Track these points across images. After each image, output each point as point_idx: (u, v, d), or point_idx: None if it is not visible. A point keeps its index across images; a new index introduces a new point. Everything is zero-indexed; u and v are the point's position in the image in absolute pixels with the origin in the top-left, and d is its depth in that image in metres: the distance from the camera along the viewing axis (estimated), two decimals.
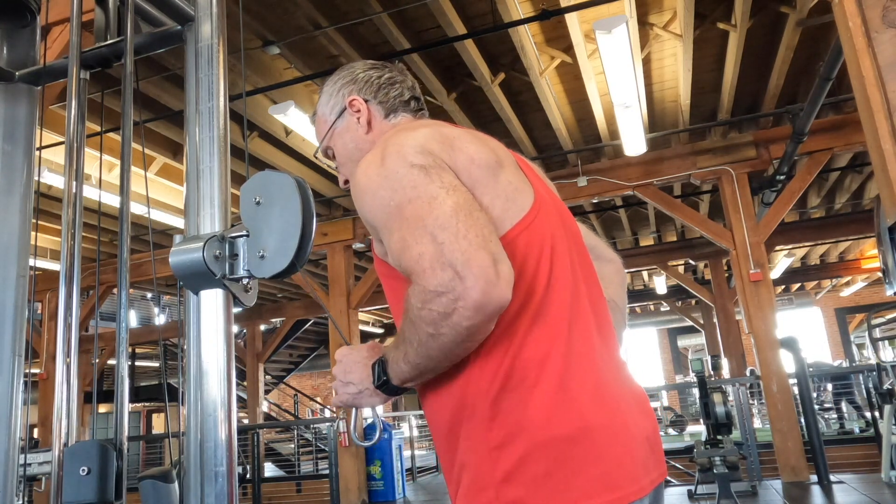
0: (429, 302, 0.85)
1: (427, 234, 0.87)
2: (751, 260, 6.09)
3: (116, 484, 1.03)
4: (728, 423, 5.07)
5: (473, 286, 0.82)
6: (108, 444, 1.04)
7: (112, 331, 11.40)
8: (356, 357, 1.03)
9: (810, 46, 5.27)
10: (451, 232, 0.85)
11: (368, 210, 0.98)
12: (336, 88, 1.23)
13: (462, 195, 0.91)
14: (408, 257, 0.88)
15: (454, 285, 0.83)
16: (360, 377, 1.01)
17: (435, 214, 0.88)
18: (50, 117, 5.05)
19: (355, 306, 7.58)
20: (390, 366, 0.97)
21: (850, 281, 15.10)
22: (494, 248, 0.86)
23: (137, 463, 12.13)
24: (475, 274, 0.83)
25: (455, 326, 0.85)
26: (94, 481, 1.01)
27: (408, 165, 0.94)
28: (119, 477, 1.04)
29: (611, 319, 1.10)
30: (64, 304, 1.08)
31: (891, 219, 2.02)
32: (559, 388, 0.91)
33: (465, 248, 0.84)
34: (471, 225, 0.86)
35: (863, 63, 1.98)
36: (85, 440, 1.06)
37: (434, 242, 0.85)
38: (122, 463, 1.04)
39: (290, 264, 0.93)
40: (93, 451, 1.03)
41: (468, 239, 0.85)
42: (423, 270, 0.85)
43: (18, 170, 1.30)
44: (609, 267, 1.25)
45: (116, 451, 1.05)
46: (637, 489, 0.91)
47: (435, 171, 0.94)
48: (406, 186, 0.92)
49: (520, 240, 0.97)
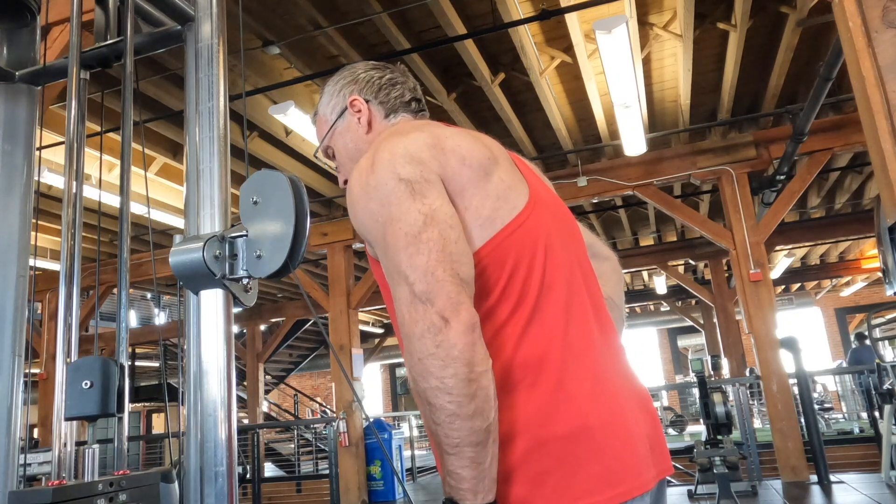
0: (417, 352, 0.86)
1: (402, 276, 0.90)
2: (751, 260, 6.09)
3: (118, 398, 1.06)
4: (728, 423, 5.07)
5: (442, 312, 0.86)
6: (110, 360, 1.07)
7: (112, 331, 11.40)
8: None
9: (810, 46, 5.27)
10: (420, 270, 0.88)
11: (360, 220, 1.00)
12: (337, 89, 1.23)
13: (439, 223, 0.92)
14: (395, 300, 0.92)
15: (428, 319, 0.86)
16: None
17: (410, 250, 0.90)
18: (50, 117, 5.05)
19: (355, 306, 7.58)
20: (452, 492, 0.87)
21: (850, 281, 15.09)
22: (462, 276, 0.90)
23: (137, 463, 12.12)
24: (442, 302, 0.86)
25: (447, 361, 0.84)
26: (96, 394, 1.04)
27: (396, 179, 0.95)
28: (121, 392, 1.06)
29: (611, 316, 1.10)
30: (64, 304, 1.08)
31: (891, 219, 2.02)
32: (558, 386, 0.92)
33: (432, 283, 0.87)
34: (440, 259, 0.89)
35: (863, 63, 1.98)
36: (88, 356, 1.08)
37: (407, 283, 0.89)
38: (123, 379, 1.08)
39: (284, 263, 0.93)
40: (95, 365, 1.05)
41: (436, 275, 0.88)
42: (404, 318, 0.89)
43: (18, 170, 1.30)
44: (606, 265, 1.25)
45: (118, 367, 1.07)
46: (639, 484, 0.91)
47: (420, 187, 0.94)
48: (392, 203, 0.94)
49: (511, 239, 0.97)
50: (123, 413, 1.06)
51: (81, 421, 1.08)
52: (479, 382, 0.85)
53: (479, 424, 0.85)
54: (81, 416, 1.04)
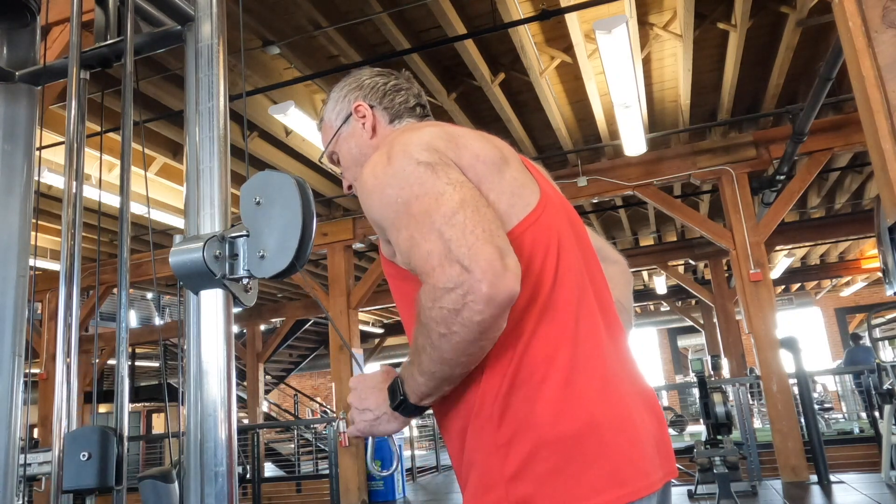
0: (439, 299, 0.85)
1: (434, 231, 0.87)
2: (751, 260, 6.09)
3: (117, 469, 1.04)
4: (728, 423, 5.07)
5: (482, 279, 0.83)
6: (108, 430, 1.05)
7: (112, 331, 11.41)
8: (371, 383, 1.02)
9: (810, 46, 5.27)
10: (458, 228, 0.86)
11: (376, 209, 0.98)
12: (342, 95, 1.24)
13: (469, 191, 0.92)
14: (417, 255, 0.89)
15: (462, 280, 0.83)
16: (377, 402, 1.00)
17: (442, 211, 0.88)
18: (50, 117, 5.05)
19: (355, 306, 7.58)
20: (406, 383, 0.96)
21: (850, 281, 15.09)
22: (501, 242, 0.87)
23: (137, 463, 12.11)
24: (482, 267, 0.83)
25: (466, 322, 0.84)
26: (94, 466, 1.02)
27: (414, 163, 0.95)
28: (119, 462, 1.04)
29: (619, 317, 1.10)
30: (64, 304, 1.08)
31: (891, 219, 2.02)
32: (566, 385, 0.92)
33: (472, 242, 0.85)
34: (478, 221, 0.87)
35: (863, 63, 1.98)
36: (86, 426, 1.06)
37: (441, 239, 0.86)
38: (122, 449, 1.05)
39: (290, 264, 0.93)
40: (94, 436, 1.03)
41: (475, 234, 0.86)
42: (433, 268, 0.86)
43: (18, 170, 1.30)
44: (615, 268, 1.25)
45: (117, 437, 1.05)
46: (646, 485, 0.91)
47: (441, 167, 0.94)
48: (413, 183, 0.93)
49: (526, 235, 0.97)
50: (122, 486, 1.04)
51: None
52: (483, 346, 0.89)
53: (460, 371, 0.91)
54: (79, 490, 1.02)
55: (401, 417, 0.99)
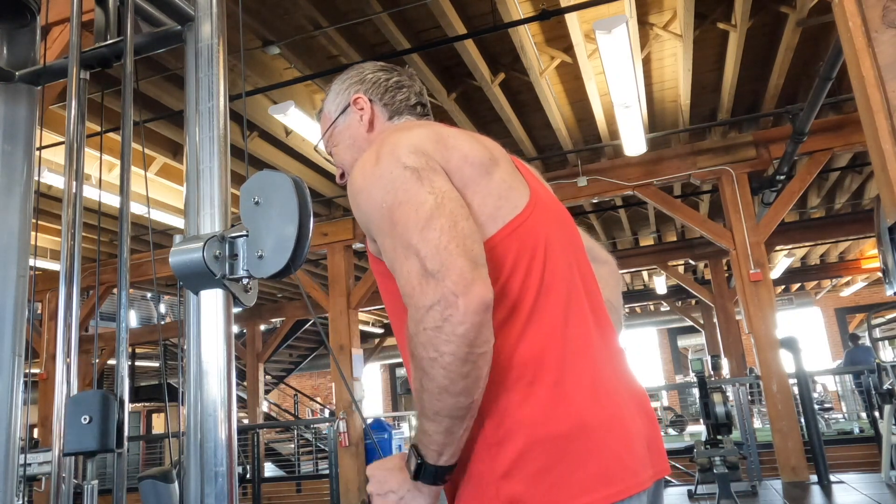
0: (422, 321, 0.86)
1: (412, 249, 0.89)
2: (751, 260, 6.09)
3: (117, 433, 1.05)
4: (728, 423, 5.07)
5: (455, 290, 0.84)
6: (109, 394, 1.06)
7: (112, 331, 11.40)
8: (388, 465, 1.00)
9: (810, 46, 5.26)
10: (432, 245, 0.87)
11: (363, 209, 0.99)
12: (343, 87, 1.25)
13: (449, 202, 0.92)
14: (399, 277, 0.91)
15: (439, 295, 0.84)
16: (398, 482, 0.96)
17: (420, 225, 0.89)
18: (50, 117, 5.05)
19: (355, 306, 7.58)
20: (419, 444, 0.92)
21: (850, 281, 15.09)
22: (474, 254, 0.88)
23: (137, 463, 12.11)
24: (454, 279, 0.84)
25: (451, 338, 0.84)
26: (95, 429, 1.03)
27: (401, 167, 0.95)
28: (120, 426, 1.05)
29: (609, 318, 1.11)
30: (64, 304, 1.08)
31: (891, 219, 2.02)
32: (556, 385, 0.92)
33: (445, 258, 0.86)
34: (452, 236, 0.88)
35: (863, 63, 1.98)
36: (87, 390, 1.07)
37: (418, 257, 0.88)
38: (122, 413, 1.06)
39: (286, 264, 0.93)
40: (95, 399, 1.04)
41: (448, 250, 0.87)
42: (413, 289, 0.87)
43: (18, 170, 1.30)
44: (604, 268, 1.26)
45: (118, 402, 1.06)
46: (635, 483, 0.92)
47: (426, 173, 0.95)
48: (398, 189, 0.93)
49: (513, 237, 0.98)
50: (123, 448, 1.05)
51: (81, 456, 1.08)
52: (476, 363, 0.86)
53: (464, 402, 0.87)
54: (80, 452, 1.03)
55: (426, 488, 0.94)
